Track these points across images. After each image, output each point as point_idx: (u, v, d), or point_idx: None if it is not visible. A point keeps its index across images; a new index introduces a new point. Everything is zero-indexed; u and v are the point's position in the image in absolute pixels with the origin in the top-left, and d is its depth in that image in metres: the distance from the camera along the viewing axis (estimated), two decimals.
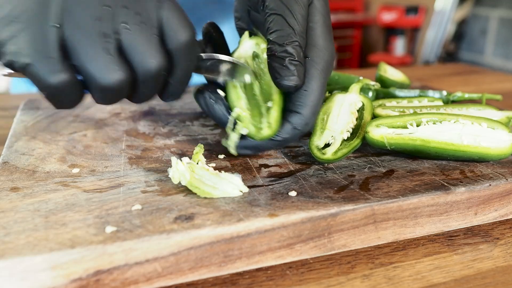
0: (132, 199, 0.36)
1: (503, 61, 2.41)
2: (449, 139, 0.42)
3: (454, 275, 0.35)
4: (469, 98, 0.56)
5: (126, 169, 0.42)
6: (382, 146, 0.43)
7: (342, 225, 0.36)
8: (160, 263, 0.32)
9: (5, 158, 0.44)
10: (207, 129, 0.53)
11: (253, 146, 0.42)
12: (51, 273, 0.30)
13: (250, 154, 0.44)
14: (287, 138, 0.41)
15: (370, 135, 0.43)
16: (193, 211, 0.35)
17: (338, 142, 0.44)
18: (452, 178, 0.41)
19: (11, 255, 0.30)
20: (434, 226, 0.39)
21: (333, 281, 0.34)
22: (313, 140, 0.44)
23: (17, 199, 0.36)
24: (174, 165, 0.38)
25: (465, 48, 2.64)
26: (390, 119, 0.44)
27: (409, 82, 0.63)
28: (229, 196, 0.37)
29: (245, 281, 0.34)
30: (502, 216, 0.41)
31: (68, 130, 0.52)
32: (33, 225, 0.33)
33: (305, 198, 0.37)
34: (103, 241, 0.31)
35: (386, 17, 2.98)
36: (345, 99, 0.48)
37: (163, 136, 0.50)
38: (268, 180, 0.40)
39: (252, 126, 0.42)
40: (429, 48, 2.67)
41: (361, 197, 0.37)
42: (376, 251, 0.37)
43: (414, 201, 0.37)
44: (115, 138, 0.50)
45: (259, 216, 0.34)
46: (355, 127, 0.46)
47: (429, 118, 0.44)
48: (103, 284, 0.31)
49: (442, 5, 2.61)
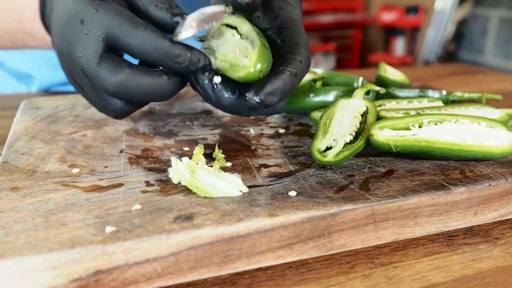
0: (132, 199, 0.36)
1: (503, 61, 2.41)
2: (453, 139, 0.42)
3: (454, 275, 0.35)
4: (469, 98, 0.56)
5: (126, 169, 0.42)
6: (387, 149, 0.43)
7: (342, 225, 0.36)
8: (160, 263, 0.32)
9: (5, 158, 0.44)
10: (207, 129, 0.53)
11: (274, 89, 0.38)
12: (51, 273, 0.30)
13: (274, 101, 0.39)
14: (299, 72, 0.39)
15: (375, 137, 0.43)
16: (193, 211, 0.35)
17: (340, 145, 0.43)
18: (452, 178, 0.41)
19: (11, 255, 0.30)
20: (434, 226, 0.39)
21: (333, 281, 0.34)
22: (315, 144, 0.44)
23: (17, 199, 0.36)
24: (174, 165, 0.38)
25: (465, 48, 2.65)
26: (392, 121, 0.44)
27: (409, 82, 0.63)
28: (229, 196, 0.37)
29: (245, 281, 0.34)
30: (502, 216, 0.41)
31: (68, 130, 0.52)
32: (33, 225, 0.33)
33: (305, 198, 0.37)
34: (103, 241, 0.31)
35: (386, 17, 2.98)
36: (348, 104, 0.48)
37: (163, 136, 0.50)
38: (268, 180, 0.40)
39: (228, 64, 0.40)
40: (429, 48, 2.67)
41: (361, 197, 0.37)
42: (376, 251, 0.37)
43: (414, 201, 0.38)
44: (115, 138, 0.50)
45: (259, 216, 0.34)
46: (358, 131, 0.45)
47: (430, 119, 0.44)
48: (103, 284, 0.31)
49: (442, 5, 2.61)
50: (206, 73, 0.41)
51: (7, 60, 0.83)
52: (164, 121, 0.55)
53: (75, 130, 0.52)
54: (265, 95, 0.38)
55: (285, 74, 0.38)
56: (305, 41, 0.41)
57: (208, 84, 0.41)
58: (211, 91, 0.41)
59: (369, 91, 0.55)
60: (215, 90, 0.41)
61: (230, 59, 0.41)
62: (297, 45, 0.40)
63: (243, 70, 0.39)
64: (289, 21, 0.42)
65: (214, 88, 0.41)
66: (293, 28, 0.41)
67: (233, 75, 0.40)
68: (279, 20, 0.42)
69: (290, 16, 0.42)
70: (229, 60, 0.41)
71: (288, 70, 0.39)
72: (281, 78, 0.38)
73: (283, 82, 0.38)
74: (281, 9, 0.42)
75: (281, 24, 0.41)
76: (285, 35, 0.41)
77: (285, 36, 0.41)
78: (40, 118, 0.55)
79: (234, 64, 0.40)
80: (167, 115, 0.57)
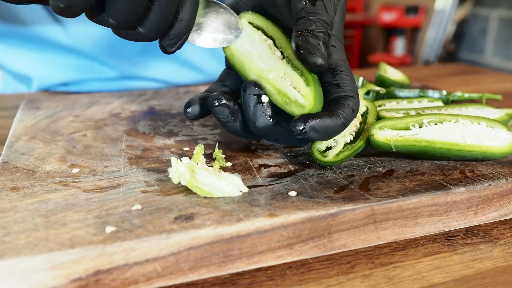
0: (132, 199, 0.36)
1: (503, 61, 2.41)
2: (453, 139, 0.42)
3: (454, 275, 0.35)
4: (469, 98, 0.56)
5: (126, 169, 0.42)
6: (387, 149, 0.43)
7: (342, 225, 0.36)
8: (160, 263, 0.32)
9: (5, 158, 0.44)
10: (207, 129, 0.53)
11: (321, 127, 0.38)
12: (51, 273, 0.30)
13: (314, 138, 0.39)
14: (348, 121, 0.39)
15: (375, 137, 0.43)
16: (193, 211, 0.35)
17: (340, 145, 0.43)
18: (452, 178, 0.41)
19: (11, 255, 0.30)
20: (434, 226, 0.39)
21: (333, 281, 0.34)
22: (315, 144, 0.43)
23: (17, 199, 0.36)
24: (174, 165, 0.38)
25: (465, 48, 2.65)
26: (392, 121, 0.44)
27: (409, 82, 0.63)
28: (229, 196, 0.37)
29: (245, 281, 0.34)
30: (502, 216, 0.41)
31: (68, 130, 0.52)
32: (33, 225, 0.33)
33: (305, 198, 0.37)
34: (103, 241, 0.31)
35: (386, 17, 2.98)
36: None
37: (163, 136, 0.50)
38: (268, 180, 0.40)
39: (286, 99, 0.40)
40: (429, 48, 2.67)
41: (361, 197, 0.37)
42: (376, 251, 0.37)
43: (414, 201, 0.38)
44: (115, 138, 0.50)
45: (259, 216, 0.34)
46: (358, 131, 0.45)
47: (430, 119, 0.44)
48: (103, 284, 0.31)
49: (442, 5, 2.61)
50: (257, 88, 0.40)
51: (6, 61, 0.83)
52: (164, 121, 0.55)
53: (75, 130, 0.52)
54: (311, 128, 0.37)
55: (338, 119, 0.38)
56: (356, 89, 0.40)
57: (254, 98, 0.40)
58: (252, 106, 0.40)
59: (369, 91, 0.55)
60: (257, 107, 0.40)
61: (273, 81, 0.40)
62: (352, 93, 0.40)
63: (296, 107, 0.39)
64: (342, 63, 0.41)
65: (257, 105, 0.40)
66: (347, 72, 0.40)
67: (280, 104, 0.40)
68: (332, 59, 0.41)
69: (342, 57, 0.41)
70: (271, 82, 0.40)
71: (342, 117, 0.38)
72: (333, 120, 0.38)
73: (333, 126, 0.38)
74: (334, 47, 0.41)
75: (335, 65, 0.41)
76: (340, 79, 0.40)
77: (340, 80, 0.40)
78: (40, 118, 0.55)
79: (281, 92, 0.40)
80: (167, 115, 0.57)
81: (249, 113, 0.41)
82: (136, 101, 0.64)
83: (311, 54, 0.38)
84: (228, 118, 0.42)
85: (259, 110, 0.40)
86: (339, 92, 0.40)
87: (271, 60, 0.41)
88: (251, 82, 0.40)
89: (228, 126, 0.43)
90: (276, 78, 0.40)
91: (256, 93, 0.40)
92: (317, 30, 0.39)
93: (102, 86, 0.81)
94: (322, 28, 0.39)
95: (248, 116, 0.41)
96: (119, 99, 0.64)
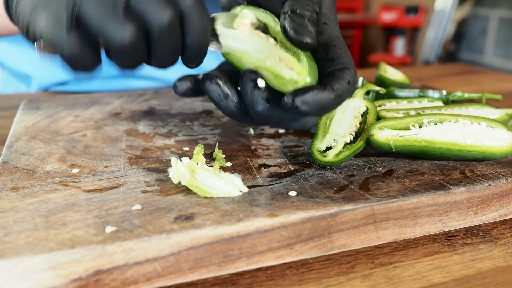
0: (132, 199, 0.36)
1: (503, 61, 2.41)
2: (453, 139, 0.42)
3: (454, 275, 0.35)
4: (469, 98, 0.56)
5: (126, 169, 0.42)
6: (387, 149, 0.43)
7: (342, 225, 0.36)
8: (160, 263, 0.32)
9: (5, 158, 0.44)
10: (207, 129, 0.53)
11: (312, 100, 0.36)
12: (51, 273, 0.30)
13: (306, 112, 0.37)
14: (344, 93, 0.38)
15: (375, 137, 0.43)
16: (193, 211, 0.35)
17: (340, 145, 0.43)
18: (452, 178, 0.41)
19: (11, 255, 0.30)
20: (434, 226, 0.39)
21: (333, 281, 0.34)
22: (315, 144, 0.43)
23: (17, 199, 0.36)
24: (174, 165, 0.38)
25: (465, 48, 2.65)
26: (392, 121, 0.44)
27: (409, 82, 0.63)
28: (229, 196, 0.37)
29: (245, 281, 0.34)
30: (502, 216, 0.41)
31: (68, 130, 0.52)
32: (33, 225, 0.33)
33: (305, 198, 0.37)
34: (103, 241, 0.31)
35: (386, 17, 2.98)
36: (348, 104, 0.48)
37: (163, 136, 0.50)
38: (268, 180, 0.40)
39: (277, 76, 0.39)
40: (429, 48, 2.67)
41: (361, 197, 0.37)
42: (376, 251, 0.37)
43: (414, 201, 0.38)
44: (115, 138, 0.50)
45: (259, 216, 0.34)
46: (358, 131, 0.45)
47: (430, 119, 0.44)
48: (103, 284, 0.31)
49: (442, 5, 2.61)
50: (253, 73, 0.40)
51: (7, 60, 0.83)
52: (164, 121, 0.55)
53: (75, 130, 0.52)
54: (302, 102, 0.36)
55: (332, 91, 0.37)
56: (352, 62, 0.40)
57: (251, 84, 0.40)
58: (249, 92, 0.40)
59: (369, 91, 0.55)
60: (254, 93, 0.40)
61: (270, 67, 0.40)
62: (347, 65, 0.39)
63: (291, 84, 0.38)
64: (335, 38, 0.40)
65: (254, 90, 0.40)
66: (341, 46, 0.40)
67: (278, 87, 0.39)
68: (324, 36, 0.40)
69: (335, 33, 0.41)
70: (269, 69, 0.40)
71: (336, 89, 0.37)
72: (327, 93, 0.37)
73: (327, 98, 0.37)
74: (325, 25, 0.41)
75: (327, 40, 0.40)
76: (333, 53, 0.39)
77: (333, 54, 0.39)
78: (40, 118, 0.55)
79: (277, 75, 0.39)
80: (167, 115, 0.57)
81: (248, 99, 0.40)
82: (136, 101, 0.64)
83: (298, 33, 0.38)
84: (220, 97, 0.41)
85: (256, 95, 0.40)
86: (334, 66, 0.39)
87: (266, 48, 0.41)
88: (248, 69, 0.40)
89: (221, 106, 0.42)
90: (272, 64, 0.40)
91: (253, 78, 0.40)
92: (303, 9, 0.39)
93: (102, 85, 0.81)
94: (308, 7, 0.39)
95: (247, 102, 0.41)
96: (119, 99, 0.64)
